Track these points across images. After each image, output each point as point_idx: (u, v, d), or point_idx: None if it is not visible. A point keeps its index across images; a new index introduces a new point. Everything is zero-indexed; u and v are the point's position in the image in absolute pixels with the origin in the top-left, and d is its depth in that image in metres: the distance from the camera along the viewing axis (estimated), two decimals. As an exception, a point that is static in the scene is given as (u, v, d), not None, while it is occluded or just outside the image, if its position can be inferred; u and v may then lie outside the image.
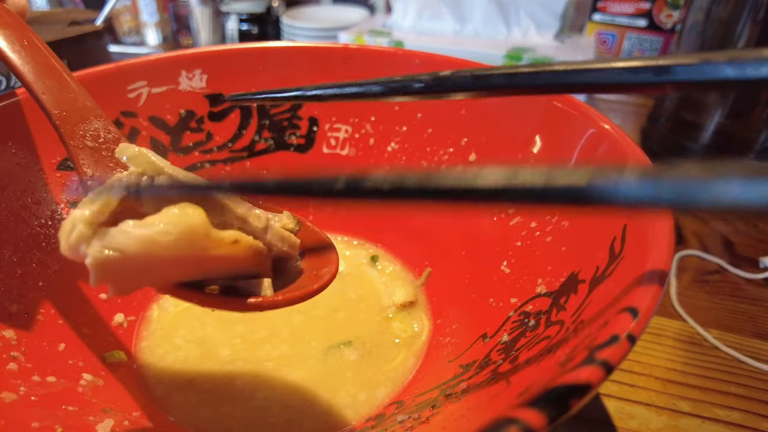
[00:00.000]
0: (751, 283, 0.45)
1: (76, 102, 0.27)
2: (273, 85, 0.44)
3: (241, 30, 0.96)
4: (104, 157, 0.26)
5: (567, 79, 0.17)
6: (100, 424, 0.25)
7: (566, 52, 0.75)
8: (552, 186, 0.11)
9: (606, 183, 0.10)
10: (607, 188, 0.10)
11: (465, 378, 0.28)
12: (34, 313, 0.30)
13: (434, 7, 0.84)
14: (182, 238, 0.19)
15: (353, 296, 0.40)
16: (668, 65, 0.15)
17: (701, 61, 0.14)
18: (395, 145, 0.43)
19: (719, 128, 0.60)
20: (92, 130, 0.27)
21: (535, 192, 0.11)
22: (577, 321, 0.23)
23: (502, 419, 0.14)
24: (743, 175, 0.09)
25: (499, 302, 0.32)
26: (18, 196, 0.32)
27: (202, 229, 0.19)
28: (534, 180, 0.11)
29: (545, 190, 0.11)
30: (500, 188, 0.11)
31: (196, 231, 0.19)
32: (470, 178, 0.12)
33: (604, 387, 0.35)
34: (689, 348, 0.39)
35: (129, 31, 1.01)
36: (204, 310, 0.38)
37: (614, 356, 0.16)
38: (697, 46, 0.60)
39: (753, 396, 0.35)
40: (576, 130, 0.31)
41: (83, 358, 0.30)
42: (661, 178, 0.10)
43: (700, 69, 0.15)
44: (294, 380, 0.33)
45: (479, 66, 0.22)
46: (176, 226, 0.18)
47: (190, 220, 0.19)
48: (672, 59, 0.15)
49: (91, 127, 0.27)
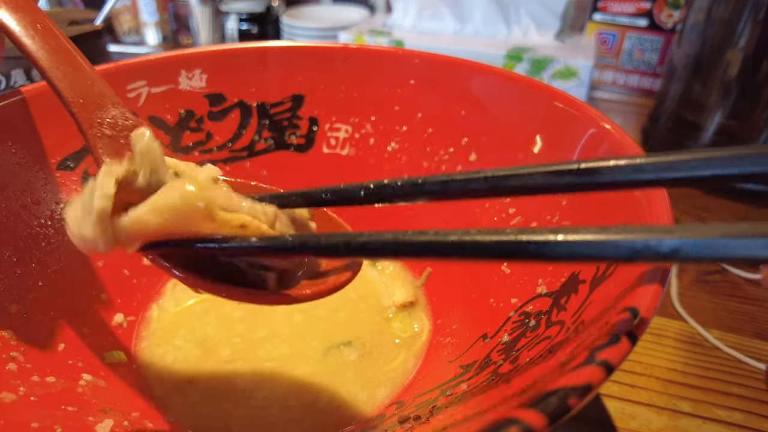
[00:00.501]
0: (752, 284, 0.45)
1: (93, 88, 0.26)
2: (273, 85, 0.44)
3: (241, 30, 0.96)
4: (123, 146, 0.25)
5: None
6: (99, 425, 0.25)
7: (566, 51, 0.75)
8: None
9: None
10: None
11: (465, 378, 0.28)
12: (34, 313, 0.30)
13: (434, 7, 0.84)
14: (177, 212, 0.19)
15: (353, 296, 0.40)
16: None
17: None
18: (395, 145, 0.43)
19: (720, 128, 0.60)
20: (110, 118, 0.26)
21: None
22: (577, 321, 0.23)
23: (503, 419, 0.14)
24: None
25: (500, 302, 0.32)
26: (18, 196, 0.32)
27: (195, 202, 0.19)
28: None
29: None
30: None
31: (189, 204, 0.19)
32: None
33: (605, 387, 0.35)
34: (690, 348, 0.39)
35: (129, 30, 1.01)
36: (204, 310, 0.38)
37: (615, 357, 0.15)
38: (697, 45, 0.60)
39: (754, 396, 0.35)
40: (577, 130, 0.31)
41: (83, 358, 0.30)
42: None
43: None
44: (294, 380, 0.33)
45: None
46: (167, 199, 0.19)
47: (180, 195, 0.19)
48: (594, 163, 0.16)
49: (109, 114, 0.26)
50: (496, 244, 0.14)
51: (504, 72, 0.38)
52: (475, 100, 0.39)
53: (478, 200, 0.37)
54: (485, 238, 0.14)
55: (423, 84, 0.42)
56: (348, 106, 0.44)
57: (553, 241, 0.13)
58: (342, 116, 0.44)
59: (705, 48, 0.60)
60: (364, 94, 0.43)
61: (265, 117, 0.44)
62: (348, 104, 0.44)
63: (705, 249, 0.12)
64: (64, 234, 0.34)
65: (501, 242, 0.14)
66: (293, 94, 0.44)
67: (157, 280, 0.40)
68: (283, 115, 0.44)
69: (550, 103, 0.34)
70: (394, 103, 0.43)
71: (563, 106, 0.33)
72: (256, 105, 0.44)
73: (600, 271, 0.24)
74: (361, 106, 0.44)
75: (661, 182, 0.15)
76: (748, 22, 0.55)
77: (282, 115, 0.44)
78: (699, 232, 0.12)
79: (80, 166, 0.36)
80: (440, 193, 0.19)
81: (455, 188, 0.18)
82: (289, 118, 0.44)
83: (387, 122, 0.43)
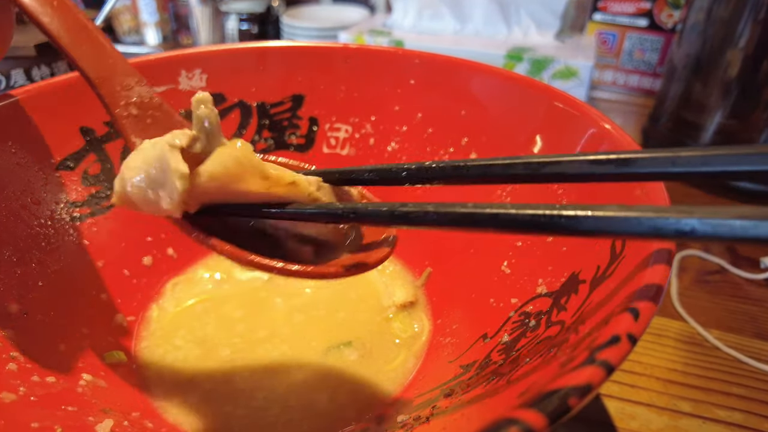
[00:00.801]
0: (752, 284, 0.45)
1: (116, 67, 0.26)
2: (273, 85, 0.44)
3: (241, 30, 0.96)
4: (149, 125, 0.25)
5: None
6: (99, 425, 0.25)
7: (567, 51, 0.75)
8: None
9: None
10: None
11: (465, 378, 0.28)
12: (34, 313, 0.30)
13: (434, 7, 0.84)
14: (237, 165, 0.21)
15: (353, 296, 0.40)
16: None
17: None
18: (395, 145, 0.43)
19: (720, 128, 0.60)
20: (136, 97, 0.25)
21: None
22: (577, 321, 0.23)
23: (503, 420, 0.14)
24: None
25: (500, 302, 0.32)
26: (18, 196, 0.32)
27: (248, 160, 0.21)
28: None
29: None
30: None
31: (247, 157, 0.21)
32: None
33: (605, 387, 0.35)
34: (690, 348, 0.39)
35: (129, 30, 1.01)
36: (204, 310, 0.38)
37: (615, 357, 0.15)
38: (698, 45, 0.60)
39: (754, 396, 0.35)
40: (577, 130, 0.31)
41: (83, 358, 0.30)
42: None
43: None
44: (294, 380, 0.33)
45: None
46: (229, 155, 0.21)
47: (239, 150, 0.21)
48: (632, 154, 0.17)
49: (134, 93, 0.25)
50: (531, 217, 0.15)
51: (504, 72, 0.38)
52: (475, 100, 0.39)
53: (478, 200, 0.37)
54: (520, 212, 0.15)
55: (423, 84, 0.42)
56: (348, 106, 0.44)
57: (582, 216, 0.14)
58: (342, 116, 0.44)
59: (705, 48, 0.60)
60: (364, 94, 0.43)
61: (265, 117, 0.44)
62: (348, 104, 0.44)
63: (721, 228, 0.12)
64: (64, 234, 0.34)
65: (536, 215, 0.15)
66: (293, 94, 0.44)
67: (157, 280, 0.40)
68: (283, 115, 0.44)
69: (550, 103, 0.34)
70: (394, 103, 0.43)
71: (563, 106, 0.33)
72: (256, 105, 0.44)
73: (600, 271, 0.24)
74: (361, 106, 0.44)
75: (660, 176, 0.16)
76: (748, 22, 0.55)
77: (282, 115, 0.44)
78: (716, 213, 0.13)
79: (80, 166, 0.36)
80: (480, 176, 0.20)
81: (497, 173, 0.19)
82: (289, 118, 0.44)
83: (387, 122, 0.43)
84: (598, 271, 0.24)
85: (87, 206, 0.36)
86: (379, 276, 0.42)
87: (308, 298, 0.40)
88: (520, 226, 0.16)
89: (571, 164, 0.18)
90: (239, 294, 0.40)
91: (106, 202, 0.37)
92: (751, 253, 0.49)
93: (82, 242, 0.35)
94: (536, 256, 0.31)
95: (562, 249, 0.29)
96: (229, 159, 0.21)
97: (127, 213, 0.38)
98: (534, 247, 0.32)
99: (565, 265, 0.28)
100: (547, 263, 0.30)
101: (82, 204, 0.36)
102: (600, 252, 0.25)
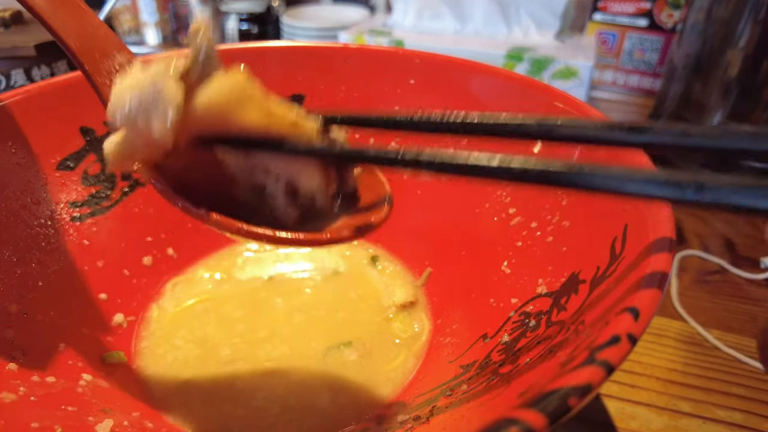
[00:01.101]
0: (752, 284, 0.45)
1: (97, 34, 0.25)
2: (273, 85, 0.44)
3: (241, 30, 0.96)
4: None
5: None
6: (99, 425, 0.25)
7: (567, 51, 0.75)
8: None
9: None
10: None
11: (465, 378, 0.28)
12: (34, 313, 0.30)
13: (435, 7, 0.84)
14: (237, 93, 0.20)
15: (353, 296, 0.40)
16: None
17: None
18: (395, 145, 0.43)
19: (720, 128, 0.60)
20: (117, 65, 0.24)
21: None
22: (577, 321, 0.23)
23: (503, 420, 0.14)
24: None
25: (500, 302, 0.32)
26: (17, 196, 0.32)
27: (248, 90, 0.20)
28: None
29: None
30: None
31: (248, 86, 0.20)
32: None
33: (605, 387, 0.35)
34: (690, 348, 0.39)
35: (129, 30, 1.01)
36: (204, 310, 0.38)
37: (615, 357, 0.15)
38: (698, 45, 0.60)
39: (754, 396, 0.35)
40: (576, 130, 0.31)
41: (83, 359, 0.30)
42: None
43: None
44: (294, 380, 0.33)
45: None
46: (228, 80, 0.20)
47: (240, 76, 0.21)
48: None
49: (116, 62, 0.25)
50: (540, 173, 0.17)
51: (504, 72, 0.38)
52: (475, 100, 0.39)
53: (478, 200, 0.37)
54: (538, 167, 0.17)
55: (423, 84, 0.42)
56: (348, 106, 0.44)
57: (601, 173, 0.16)
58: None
59: (705, 48, 0.60)
60: (364, 94, 0.43)
61: (265, 117, 0.44)
62: (348, 104, 0.44)
63: (725, 197, 0.14)
64: (64, 234, 0.34)
65: (548, 171, 0.16)
66: (293, 94, 0.44)
67: (157, 280, 0.40)
68: (283, 115, 0.44)
69: (550, 103, 0.34)
70: (394, 103, 0.43)
71: (563, 106, 0.33)
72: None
73: (600, 271, 0.24)
74: (361, 106, 0.44)
75: (672, 148, 0.17)
76: (748, 22, 0.55)
77: (282, 115, 0.44)
78: (722, 181, 0.14)
79: (80, 166, 0.36)
80: (491, 133, 0.20)
81: (510, 130, 0.20)
82: (289, 118, 0.44)
83: (387, 122, 0.43)
84: (598, 271, 0.24)
85: (87, 206, 0.36)
86: (379, 276, 0.42)
87: (308, 298, 0.40)
88: (537, 179, 0.17)
89: (585, 127, 0.18)
90: (239, 294, 0.40)
91: (107, 202, 0.37)
92: (751, 253, 0.49)
93: (82, 242, 0.35)
94: (536, 256, 0.31)
95: (562, 249, 0.29)
96: (228, 87, 0.20)
97: (127, 213, 0.39)
98: (534, 247, 0.32)
99: (565, 265, 0.28)
100: (547, 263, 0.30)
101: (82, 204, 0.36)
102: (600, 252, 0.25)
